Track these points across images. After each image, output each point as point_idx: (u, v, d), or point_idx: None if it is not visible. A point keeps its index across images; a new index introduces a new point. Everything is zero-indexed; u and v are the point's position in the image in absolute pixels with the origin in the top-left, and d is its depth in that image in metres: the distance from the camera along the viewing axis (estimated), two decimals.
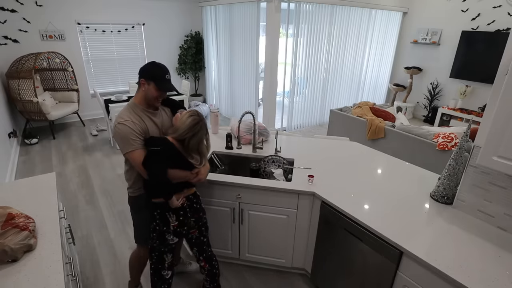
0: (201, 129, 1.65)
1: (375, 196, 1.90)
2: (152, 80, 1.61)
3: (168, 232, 1.71)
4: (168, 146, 1.59)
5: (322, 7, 5.16)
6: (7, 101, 4.82)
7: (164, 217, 1.69)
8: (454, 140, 3.20)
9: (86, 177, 3.83)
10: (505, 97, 1.29)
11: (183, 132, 1.59)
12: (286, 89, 5.44)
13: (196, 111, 1.66)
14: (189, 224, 1.77)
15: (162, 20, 6.30)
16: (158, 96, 1.64)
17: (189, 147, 1.63)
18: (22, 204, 1.65)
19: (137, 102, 1.66)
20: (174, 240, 1.76)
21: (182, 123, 1.60)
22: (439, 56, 6.17)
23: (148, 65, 1.66)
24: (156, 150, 1.55)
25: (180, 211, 1.71)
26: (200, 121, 1.64)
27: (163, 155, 1.56)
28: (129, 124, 1.55)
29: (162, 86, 1.63)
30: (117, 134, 1.55)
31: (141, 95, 1.65)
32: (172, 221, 1.70)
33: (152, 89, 1.61)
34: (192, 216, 1.77)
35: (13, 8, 4.83)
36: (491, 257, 1.41)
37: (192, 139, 1.61)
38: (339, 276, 1.97)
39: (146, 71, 1.63)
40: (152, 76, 1.61)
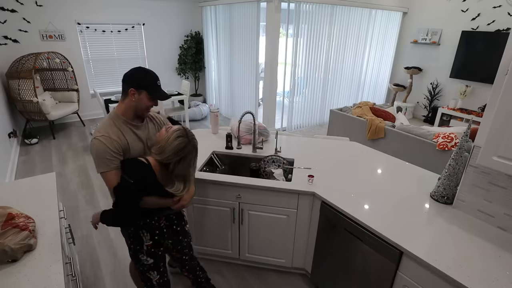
0: (190, 153, 1.43)
1: (375, 196, 1.90)
2: (144, 89, 1.44)
3: (141, 252, 1.55)
4: (143, 177, 1.37)
5: (322, 7, 5.16)
6: (7, 101, 4.82)
7: (137, 235, 1.53)
8: (454, 140, 3.20)
9: (86, 177, 3.83)
10: (505, 97, 1.29)
11: (168, 156, 1.38)
12: (286, 89, 5.44)
13: (185, 130, 1.43)
14: (166, 246, 1.62)
15: (162, 20, 6.30)
16: (151, 105, 1.50)
17: (173, 173, 1.43)
18: (22, 204, 1.65)
19: (120, 113, 1.48)
20: (149, 261, 1.58)
21: (168, 145, 1.37)
22: (439, 56, 6.17)
23: (136, 73, 1.46)
24: (129, 182, 1.33)
25: (156, 230, 1.55)
26: (189, 143, 1.41)
27: (135, 189, 1.35)
28: (105, 141, 1.39)
29: (155, 94, 1.48)
30: (92, 150, 1.40)
31: (127, 106, 1.47)
32: (145, 240, 1.53)
33: (144, 98, 1.46)
34: (170, 238, 1.62)
35: (13, 8, 4.83)
36: (491, 257, 1.41)
37: (178, 164, 1.40)
38: (339, 276, 1.97)
39: (135, 79, 1.45)
40: (143, 85, 1.44)
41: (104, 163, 1.39)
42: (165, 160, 1.39)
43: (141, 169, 1.38)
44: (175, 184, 1.46)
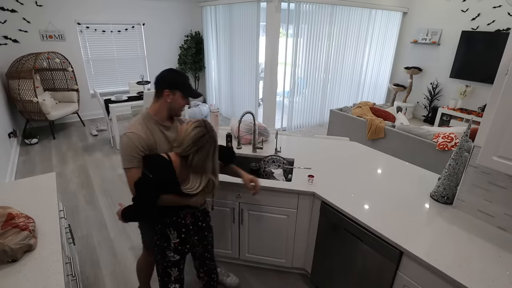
0: (208, 143, 1.42)
1: (375, 196, 1.90)
2: (178, 89, 1.51)
3: (168, 248, 1.58)
4: (163, 173, 1.39)
5: (322, 7, 5.17)
6: (7, 101, 4.82)
7: (164, 233, 1.56)
8: (454, 140, 3.20)
9: (86, 177, 3.83)
10: (505, 97, 1.29)
11: (187, 146, 1.39)
12: (286, 89, 5.44)
13: (204, 122, 1.45)
14: (192, 243, 1.63)
15: (162, 20, 6.30)
16: (184, 104, 1.57)
17: (192, 165, 1.42)
18: (22, 204, 1.65)
19: (152, 113, 1.54)
20: (175, 257, 1.61)
21: (186, 135, 1.40)
22: (439, 56, 6.17)
23: (169, 74, 1.53)
24: (148, 176, 1.36)
25: (182, 228, 1.57)
26: (207, 133, 1.41)
27: (155, 184, 1.37)
28: (133, 137, 1.44)
29: (189, 93, 1.55)
30: (122, 145, 1.46)
31: (161, 106, 1.53)
32: (173, 238, 1.56)
33: (178, 98, 1.53)
34: (196, 234, 1.63)
35: (13, 8, 4.83)
36: (491, 257, 1.41)
37: (196, 154, 1.40)
38: (339, 276, 1.97)
39: (169, 80, 1.52)
40: (177, 85, 1.51)
41: (128, 159, 1.44)
42: (184, 152, 1.41)
43: (162, 164, 1.40)
44: (190, 181, 1.45)
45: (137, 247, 2.64)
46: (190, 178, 1.45)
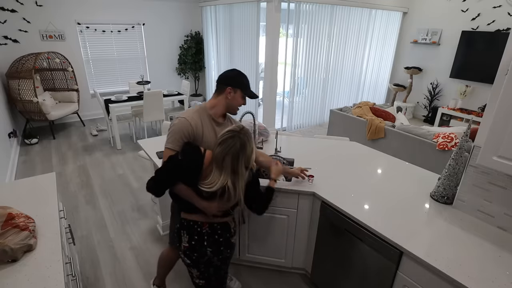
0: (231, 139, 1.41)
1: (375, 196, 1.90)
2: (239, 88, 1.61)
3: (179, 249, 1.60)
4: (191, 160, 1.46)
5: (322, 7, 5.16)
6: (7, 101, 4.82)
7: (179, 233, 1.59)
8: (454, 140, 3.20)
9: (86, 177, 3.83)
10: (505, 97, 1.29)
11: (217, 139, 1.46)
12: (286, 89, 5.44)
13: (239, 127, 1.45)
14: (202, 253, 1.58)
15: (162, 20, 6.30)
16: (242, 104, 1.66)
17: (214, 157, 1.43)
18: (22, 204, 1.65)
19: (209, 108, 1.63)
20: (186, 261, 1.61)
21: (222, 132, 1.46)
22: (439, 56, 6.17)
23: (234, 73, 1.63)
24: (177, 159, 1.47)
25: (195, 236, 1.54)
26: (236, 132, 1.42)
27: (180, 168, 1.45)
28: (184, 123, 1.53)
29: (248, 93, 1.65)
30: (172, 126, 1.55)
31: (219, 102, 1.62)
32: (183, 241, 1.57)
33: (238, 97, 1.62)
34: (210, 246, 1.57)
35: (13, 8, 4.83)
36: (491, 257, 1.41)
37: (219, 146, 1.42)
38: (339, 276, 1.97)
39: (234, 79, 1.61)
40: (239, 84, 1.61)
41: (171, 141, 1.53)
42: (214, 146, 1.46)
43: (194, 153, 1.48)
44: (211, 176, 1.44)
45: (137, 247, 2.65)
46: (211, 175, 1.45)
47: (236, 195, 1.45)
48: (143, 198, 3.38)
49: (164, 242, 2.70)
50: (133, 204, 3.27)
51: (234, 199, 1.46)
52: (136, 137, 5.08)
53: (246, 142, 1.44)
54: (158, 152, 2.45)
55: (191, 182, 1.47)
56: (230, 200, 1.46)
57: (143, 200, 3.34)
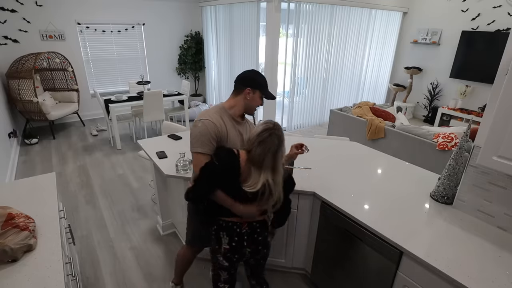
0: (270, 137, 1.40)
1: (375, 196, 1.90)
2: (258, 89, 1.60)
3: (219, 252, 1.57)
4: (228, 163, 1.44)
5: (322, 7, 5.16)
6: (7, 101, 4.82)
7: (218, 235, 1.55)
8: (454, 140, 3.20)
9: (86, 177, 3.83)
10: (505, 97, 1.29)
11: (251, 139, 1.44)
12: (286, 89, 5.44)
13: (272, 123, 1.46)
14: (242, 253, 1.58)
15: (162, 20, 6.30)
16: (259, 104, 1.65)
17: (254, 158, 1.42)
18: (22, 204, 1.65)
19: (227, 108, 1.62)
20: (224, 263, 1.59)
21: (254, 132, 1.45)
22: (439, 56, 6.17)
23: (252, 74, 1.63)
24: (214, 164, 1.44)
25: (235, 237, 1.53)
26: (272, 130, 1.42)
27: (219, 174, 1.43)
28: (208, 125, 1.51)
29: (267, 94, 1.64)
30: (195, 129, 1.52)
31: (238, 103, 1.62)
32: (224, 243, 1.54)
33: (257, 97, 1.61)
34: (249, 246, 1.57)
35: (13, 8, 4.83)
36: (491, 257, 1.41)
37: (258, 147, 1.40)
38: (339, 276, 1.97)
39: (252, 79, 1.61)
40: (258, 85, 1.60)
41: (200, 144, 1.51)
42: (249, 146, 1.45)
43: (229, 156, 1.46)
44: (251, 177, 1.44)
45: (137, 247, 2.65)
46: (252, 175, 1.45)
47: (277, 192, 1.47)
48: (143, 198, 3.38)
49: (164, 242, 2.70)
50: (133, 204, 3.27)
51: (275, 197, 1.48)
52: (136, 137, 5.08)
53: (282, 137, 1.46)
54: (158, 152, 2.45)
55: (232, 186, 1.46)
56: (271, 198, 1.47)
57: (143, 200, 3.34)
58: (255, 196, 1.45)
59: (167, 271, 2.39)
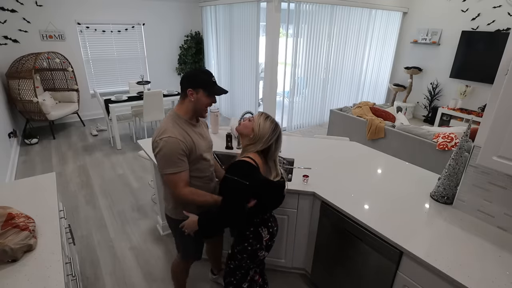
0: (281, 133, 1.51)
1: (375, 196, 1.90)
2: (201, 87, 1.48)
3: (261, 248, 1.58)
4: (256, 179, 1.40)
5: (322, 7, 5.16)
6: (7, 101, 4.82)
7: (258, 233, 1.55)
8: (454, 140, 3.20)
9: (86, 177, 3.83)
10: (505, 97, 1.29)
11: (268, 137, 1.43)
12: (286, 89, 5.44)
13: (261, 111, 1.53)
14: (274, 234, 1.65)
15: (162, 20, 6.30)
16: (210, 103, 1.53)
17: (274, 155, 1.48)
18: (22, 204, 1.65)
19: (181, 114, 1.52)
20: (265, 255, 1.64)
21: (262, 129, 1.44)
22: (439, 56, 6.17)
23: (192, 73, 1.53)
24: (244, 184, 1.35)
25: (268, 223, 1.60)
26: (273, 119, 1.50)
27: (250, 191, 1.38)
28: (173, 142, 1.41)
29: (212, 91, 1.51)
30: (160, 151, 1.41)
31: (188, 107, 1.52)
32: (264, 235, 1.57)
33: (202, 97, 1.49)
34: (275, 225, 1.66)
35: (13, 8, 4.83)
36: (491, 257, 1.41)
37: (277, 143, 1.46)
38: (339, 276, 1.97)
39: (192, 79, 1.50)
40: (199, 84, 1.48)
41: (172, 164, 1.42)
42: (266, 144, 1.45)
43: (252, 170, 1.42)
44: (272, 170, 1.50)
45: (137, 247, 2.65)
46: (271, 169, 1.50)
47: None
48: (143, 198, 3.38)
49: (164, 242, 2.70)
50: (133, 204, 3.27)
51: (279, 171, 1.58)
52: (136, 137, 5.08)
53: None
54: None
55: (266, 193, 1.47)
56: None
57: (143, 200, 3.34)
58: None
59: (167, 271, 2.39)
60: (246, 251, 1.55)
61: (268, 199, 1.50)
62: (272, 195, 1.51)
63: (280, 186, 1.53)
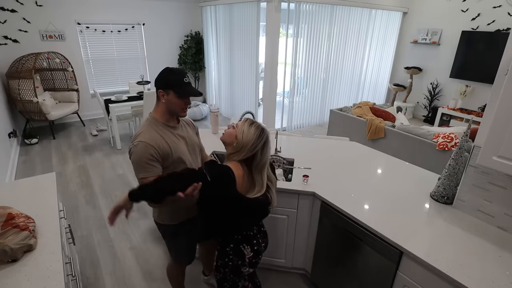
0: (268, 137, 1.40)
1: (375, 196, 1.90)
2: (170, 88, 1.42)
3: (243, 265, 1.49)
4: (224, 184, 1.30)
5: (322, 7, 5.16)
6: (7, 101, 4.82)
7: (239, 250, 1.46)
8: (454, 140, 3.20)
9: (86, 177, 3.83)
10: (505, 97, 1.29)
11: (252, 144, 1.34)
12: (286, 89, 5.44)
13: (246, 117, 1.45)
14: (261, 252, 1.56)
15: (162, 20, 6.30)
16: (182, 104, 1.46)
17: (261, 162, 1.38)
18: (22, 204, 1.65)
19: (157, 117, 1.48)
20: (250, 270, 1.55)
21: (246, 136, 1.35)
22: (439, 56, 6.17)
23: (162, 74, 1.45)
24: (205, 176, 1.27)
25: (253, 240, 1.49)
26: (259, 125, 1.40)
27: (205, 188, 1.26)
28: (144, 147, 1.38)
29: (182, 92, 1.43)
30: (133, 155, 1.41)
31: (162, 108, 1.47)
32: (247, 253, 1.47)
33: (173, 98, 1.43)
34: (263, 241, 1.57)
35: (13, 8, 4.83)
36: (491, 257, 1.41)
37: (263, 150, 1.37)
38: (339, 276, 1.97)
39: (161, 80, 1.44)
40: (168, 84, 1.42)
41: (142, 168, 1.40)
42: (251, 152, 1.35)
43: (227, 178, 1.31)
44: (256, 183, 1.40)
45: (137, 247, 2.65)
46: (256, 181, 1.39)
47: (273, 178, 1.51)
48: None
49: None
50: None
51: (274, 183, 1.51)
52: None
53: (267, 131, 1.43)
54: None
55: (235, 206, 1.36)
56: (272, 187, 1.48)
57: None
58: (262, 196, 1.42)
59: None
60: (228, 266, 1.48)
61: (237, 214, 1.38)
62: (242, 212, 1.39)
63: (257, 205, 1.41)
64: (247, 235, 1.48)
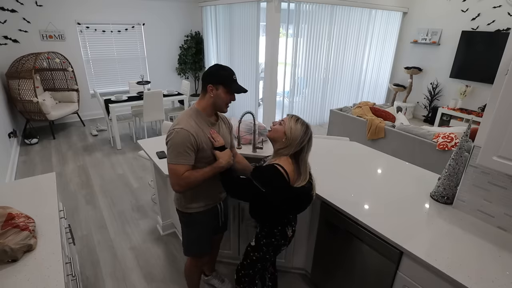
0: (312, 135, 1.51)
1: (375, 196, 1.90)
2: (221, 84, 1.48)
3: (284, 244, 1.68)
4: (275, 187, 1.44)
5: (322, 7, 5.16)
6: (7, 101, 4.82)
7: (284, 232, 1.63)
8: (454, 140, 3.20)
9: (86, 177, 3.83)
10: (505, 97, 1.29)
11: (300, 139, 1.45)
12: (286, 89, 5.44)
13: (291, 114, 1.55)
14: (295, 231, 1.74)
15: (162, 20, 6.30)
16: (229, 100, 1.53)
17: (306, 157, 1.50)
18: (22, 204, 1.65)
19: (200, 109, 1.54)
20: (285, 248, 1.77)
21: (294, 131, 1.45)
22: (439, 56, 6.17)
23: (213, 69, 1.52)
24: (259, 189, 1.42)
25: (293, 222, 1.67)
26: (304, 121, 1.51)
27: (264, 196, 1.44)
28: (184, 134, 1.42)
29: (231, 88, 1.51)
30: (172, 139, 1.44)
31: (208, 102, 1.53)
32: (289, 233, 1.66)
33: (221, 93, 1.49)
34: (296, 223, 1.73)
35: (13, 8, 4.83)
36: (491, 257, 1.41)
37: (308, 144, 1.48)
38: (339, 276, 1.97)
39: (213, 75, 1.50)
40: (220, 80, 1.48)
41: (178, 154, 1.44)
42: (299, 146, 1.46)
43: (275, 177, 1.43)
44: (301, 174, 1.51)
45: (137, 247, 2.65)
46: (301, 173, 1.51)
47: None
48: (143, 198, 3.38)
49: (165, 242, 2.70)
50: (133, 204, 3.27)
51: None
52: (136, 137, 5.08)
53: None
54: (158, 152, 2.45)
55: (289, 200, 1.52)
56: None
57: (143, 200, 3.34)
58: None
59: (167, 271, 2.39)
60: (272, 245, 1.64)
61: (289, 206, 1.56)
62: (293, 202, 1.56)
63: (303, 193, 1.53)
64: (289, 218, 1.64)
